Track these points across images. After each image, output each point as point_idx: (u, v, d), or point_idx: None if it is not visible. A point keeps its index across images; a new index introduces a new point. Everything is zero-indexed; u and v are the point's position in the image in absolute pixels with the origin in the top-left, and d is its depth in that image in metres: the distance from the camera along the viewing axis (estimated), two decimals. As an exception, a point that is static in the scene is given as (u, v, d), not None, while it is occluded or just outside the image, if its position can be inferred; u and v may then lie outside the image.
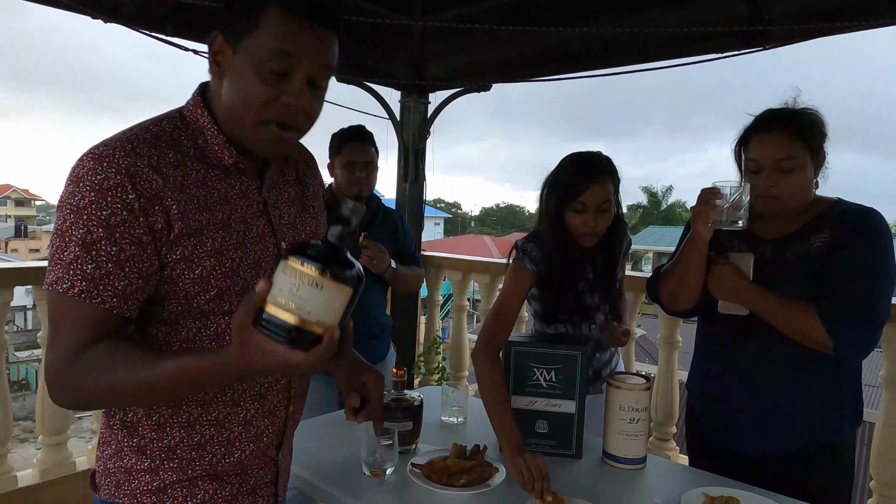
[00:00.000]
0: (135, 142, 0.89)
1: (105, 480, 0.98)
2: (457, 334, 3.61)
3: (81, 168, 0.85)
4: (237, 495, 1.02)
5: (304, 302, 0.74)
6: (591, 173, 1.61)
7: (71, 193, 0.84)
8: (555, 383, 1.57)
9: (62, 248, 0.84)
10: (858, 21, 2.15)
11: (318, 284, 0.75)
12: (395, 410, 1.54)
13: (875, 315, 1.38)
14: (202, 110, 0.96)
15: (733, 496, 1.30)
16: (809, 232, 1.46)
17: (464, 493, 1.32)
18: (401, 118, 3.61)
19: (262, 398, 1.02)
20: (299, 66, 0.90)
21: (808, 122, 1.44)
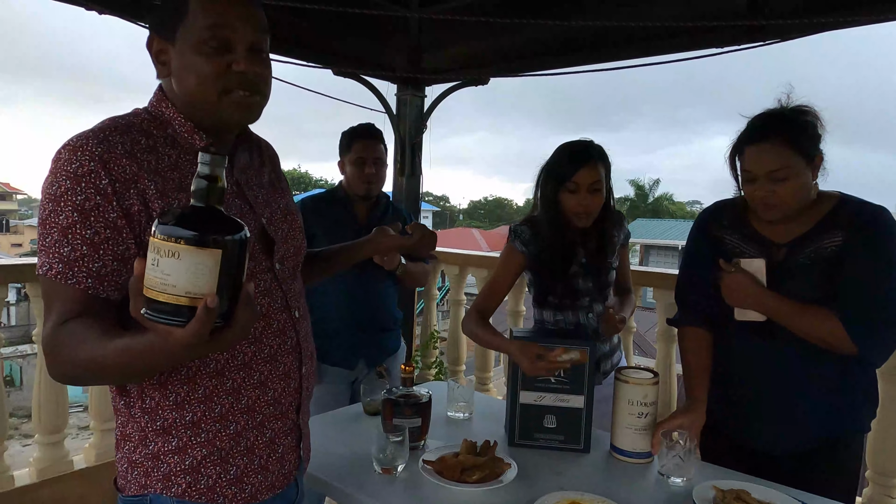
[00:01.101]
0: (107, 131, 0.93)
1: (132, 475, 0.99)
2: (454, 328, 3.61)
3: (59, 159, 0.90)
4: (266, 464, 1.05)
5: (167, 276, 0.69)
6: (583, 157, 1.73)
7: (50, 183, 0.89)
8: (563, 378, 1.57)
9: (44, 234, 0.89)
10: (857, 16, 2.16)
11: (174, 253, 0.69)
12: (405, 406, 1.53)
13: (895, 314, 1.39)
14: (166, 103, 1.00)
15: (744, 489, 1.31)
16: (821, 233, 1.45)
17: (477, 489, 1.31)
18: (397, 112, 3.59)
19: (274, 360, 1.05)
20: (236, 36, 0.96)
21: (800, 128, 1.42)
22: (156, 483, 0.98)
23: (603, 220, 1.81)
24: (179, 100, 0.99)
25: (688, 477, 1.40)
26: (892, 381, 2.30)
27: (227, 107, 0.97)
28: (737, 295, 1.50)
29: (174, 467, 0.97)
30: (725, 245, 1.57)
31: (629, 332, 3.02)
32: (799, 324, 1.44)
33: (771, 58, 76.75)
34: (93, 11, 2.35)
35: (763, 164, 1.42)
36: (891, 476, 2.31)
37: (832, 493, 1.43)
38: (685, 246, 1.70)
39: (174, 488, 0.97)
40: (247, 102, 0.98)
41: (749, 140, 1.45)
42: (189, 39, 0.94)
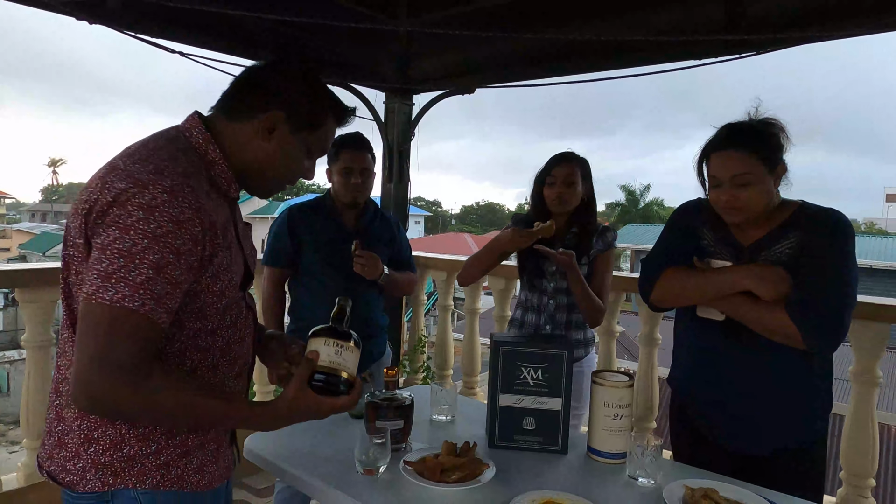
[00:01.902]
0: (188, 175, 1.03)
1: (93, 474, 1.05)
2: (441, 333, 3.65)
3: (154, 199, 0.97)
4: (217, 458, 1.17)
5: (347, 361, 1.15)
6: (561, 156, 2.17)
7: (145, 220, 0.96)
8: (542, 382, 1.62)
9: (131, 268, 0.94)
10: (830, 31, 2.24)
11: (351, 350, 1.16)
12: (387, 409, 1.57)
13: (840, 309, 1.46)
14: (213, 146, 1.12)
15: (712, 487, 1.36)
16: (778, 236, 1.54)
17: (455, 488, 1.36)
18: (385, 119, 3.64)
19: (240, 376, 1.22)
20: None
21: (764, 138, 1.51)
22: (128, 480, 1.06)
23: (580, 213, 2.17)
24: (241, 154, 1.14)
25: (655, 479, 1.45)
26: (864, 384, 2.36)
27: (271, 188, 1.22)
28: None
29: (148, 465, 1.07)
30: (702, 242, 1.64)
31: (612, 337, 3.08)
32: (750, 316, 1.51)
33: (757, 65, 77.67)
34: (83, 21, 2.38)
35: (727, 169, 1.50)
36: (864, 477, 2.38)
37: (802, 491, 1.49)
38: (662, 233, 1.75)
39: (147, 482, 1.06)
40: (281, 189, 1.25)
41: (715, 147, 1.53)
42: (307, 143, 1.19)
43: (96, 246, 0.97)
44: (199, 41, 2.80)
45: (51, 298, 2.47)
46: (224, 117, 1.15)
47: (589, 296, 2.09)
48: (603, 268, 2.18)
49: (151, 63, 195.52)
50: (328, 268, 2.26)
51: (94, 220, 0.99)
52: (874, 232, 38.28)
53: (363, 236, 2.26)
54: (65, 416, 1.08)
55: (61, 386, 1.10)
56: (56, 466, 1.08)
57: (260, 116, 1.13)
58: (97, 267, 0.95)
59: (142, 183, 0.97)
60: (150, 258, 0.95)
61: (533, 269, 2.20)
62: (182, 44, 2.74)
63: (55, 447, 1.09)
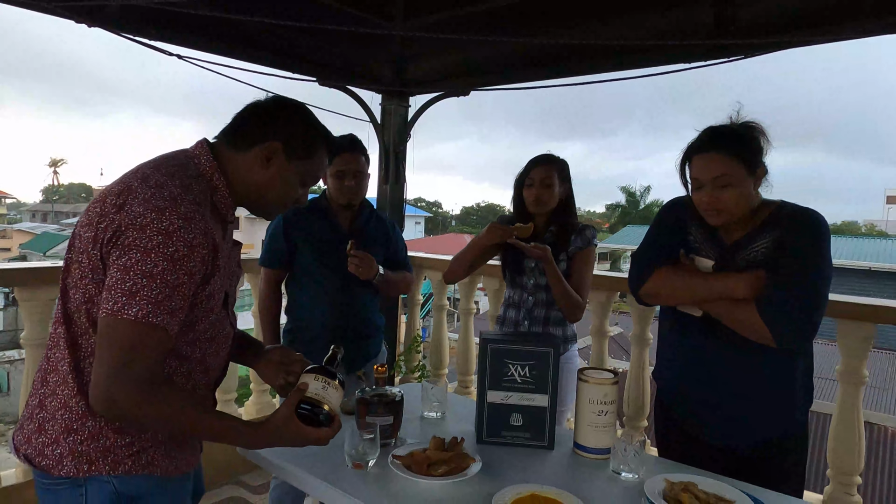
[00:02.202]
0: (198, 203, 1.15)
1: (69, 461, 1.13)
2: (437, 333, 3.69)
3: (171, 225, 1.08)
4: (184, 445, 1.26)
5: (332, 398, 1.26)
6: (538, 158, 2.26)
7: (164, 244, 1.07)
8: (529, 379, 1.66)
9: (152, 287, 1.06)
10: (816, 35, 2.27)
11: (336, 388, 1.28)
12: (377, 405, 1.61)
13: (810, 307, 1.49)
14: (219, 175, 1.24)
15: (692, 481, 1.39)
16: (756, 236, 1.58)
17: (442, 481, 1.39)
18: (381, 121, 3.67)
19: (214, 385, 1.34)
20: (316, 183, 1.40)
21: (744, 141, 1.55)
22: (102, 467, 1.14)
23: (560, 219, 2.25)
24: (244, 180, 1.26)
25: (638, 474, 1.48)
26: (850, 383, 2.40)
27: (269, 212, 1.34)
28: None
29: (121, 454, 1.16)
30: (688, 238, 1.68)
31: (604, 337, 3.11)
32: (724, 312, 1.55)
33: (757, 67, 77.64)
34: (82, 24, 2.42)
35: (708, 171, 1.54)
36: (850, 474, 2.41)
37: (782, 483, 1.53)
38: (650, 228, 1.79)
39: (120, 468, 1.15)
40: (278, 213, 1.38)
41: (697, 150, 1.57)
42: (301, 171, 1.30)
43: (118, 266, 1.06)
44: (196, 44, 2.84)
45: (49, 297, 2.50)
46: (228, 146, 1.26)
47: (566, 291, 2.14)
48: (581, 265, 2.22)
49: (150, 63, 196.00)
50: (324, 268, 2.30)
51: (111, 238, 1.08)
52: (874, 234, 38.29)
53: (358, 237, 2.29)
54: (47, 405, 1.16)
55: (49, 376, 1.17)
56: (33, 450, 1.16)
57: (260, 146, 1.25)
58: (122, 286, 1.05)
59: (159, 209, 1.08)
60: (168, 279, 1.07)
61: (514, 267, 2.29)
62: (180, 46, 2.78)
63: (34, 432, 1.16)
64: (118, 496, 1.16)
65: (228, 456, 3.02)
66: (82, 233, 1.14)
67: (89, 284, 1.12)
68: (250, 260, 2.91)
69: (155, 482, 1.20)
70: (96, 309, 1.10)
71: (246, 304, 7.06)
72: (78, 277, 1.13)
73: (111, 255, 1.08)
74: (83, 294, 1.13)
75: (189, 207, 1.11)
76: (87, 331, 1.14)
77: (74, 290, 1.14)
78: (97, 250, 1.10)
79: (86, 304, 1.13)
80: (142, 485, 1.18)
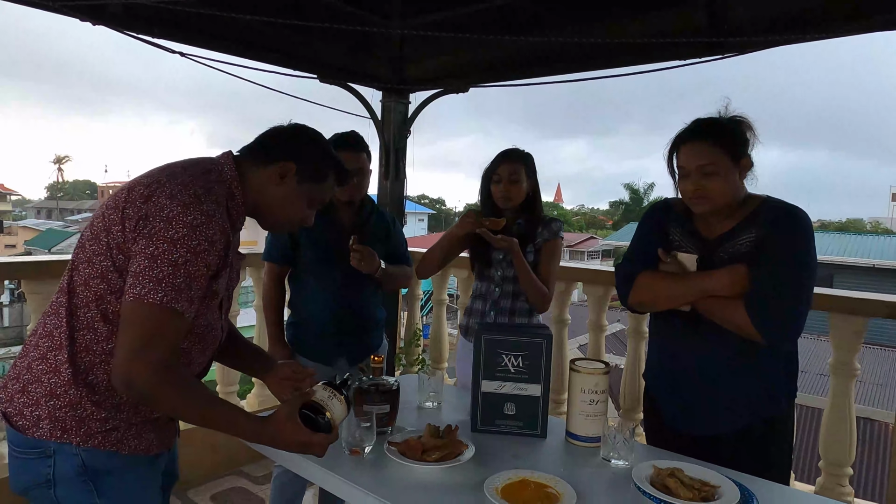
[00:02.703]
0: (218, 204, 1.24)
1: (45, 424, 1.20)
2: (437, 327, 3.73)
3: (195, 220, 1.17)
4: (154, 427, 1.31)
5: (336, 410, 1.30)
6: (504, 154, 2.28)
7: (189, 237, 1.16)
8: (522, 369, 1.70)
9: (177, 275, 1.15)
10: (810, 33, 2.31)
11: (341, 402, 1.32)
12: (374, 394, 1.65)
13: (796, 304, 1.52)
14: (237, 185, 1.32)
15: (678, 467, 1.43)
16: (739, 231, 1.61)
17: (435, 466, 1.44)
18: (382, 118, 3.72)
19: (199, 377, 1.40)
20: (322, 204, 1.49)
21: (729, 132, 1.59)
22: (74, 437, 1.21)
23: (525, 208, 2.28)
24: (257, 192, 1.35)
25: (627, 461, 1.53)
26: (841, 376, 2.44)
27: (273, 227, 1.44)
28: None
29: (95, 428, 1.22)
30: (670, 237, 1.72)
31: (601, 331, 3.15)
32: (712, 310, 1.58)
33: (758, 65, 77.35)
34: (86, 23, 2.47)
35: (693, 159, 1.58)
36: (841, 465, 2.45)
37: (767, 471, 1.57)
38: (634, 234, 1.83)
39: (90, 441, 1.22)
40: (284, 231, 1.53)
41: (683, 139, 1.62)
42: (309, 193, 1.39)
43: (145, 254, 1.14)
44: (198, 41, 2.88)
45: (55, 290, 2.55)
46: (249, 161, 1.36)
47: (531, 281, 2.19)
48: (548, 256, 2.27)
49: (154, 61, 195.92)
50: (326, 263, 2.34)
51: (137, 225, 1.17)
52: (879, 231, 38.20)
53: (359, 232, 2.33)
54: (34, 368, 1.23)
55: (41, 341, 1.24)
56: (13, 409, 1.23)
57: (276, 164, 1.35)
58: (149, 273, 1.13)
59: (185, 204, 1.17)
60: (191, 269, 1.16)
61: (482, 259, 2.36)
62: (182, 44, 2.83)
63: (18, 392, 1.23)
64: (85, 469, 1.22)
65: (231, 447, 3.08)
66: (105, 213, 1.22)
67: (104, 261, 1.20)
68: (254, 255, 2.96)
69: (122, 460, 1.25)
70: (105, 285, 1.19)
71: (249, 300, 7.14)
72: (92, 253, 1.21)
73: (137, 243, 1.16)
74: (95, 269, 1.20)
75: (210, 206, 1.21)
76: (87, 304, 1.21)
77: (87, 264, 1.21)
78: (120, 232, 1.18)
79: (95, 279, 1.20)
80: (109, 460, 1.24)
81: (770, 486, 1.45)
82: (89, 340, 1.22)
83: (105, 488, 1.24)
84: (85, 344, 1.22)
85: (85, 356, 1.22)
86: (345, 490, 1.40)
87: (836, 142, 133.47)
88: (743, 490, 1.36)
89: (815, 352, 10.02)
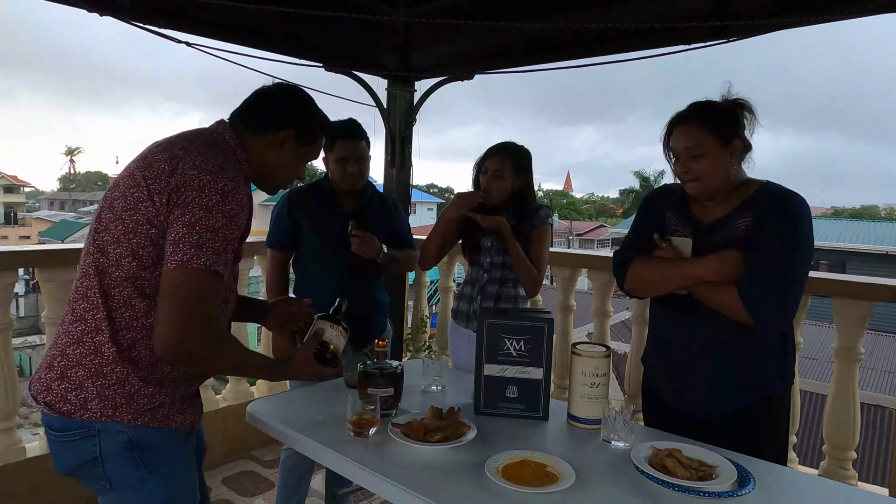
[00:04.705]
0: (237, 170, 1.33)
1: (94, 404, 1.24)
2: (443, 314, 3.76)
3: (225, 186, 1.25)
4: (194, 404, 1.40)
5: (339, 342, 1.55)
6: (492, 149, 2.30)
7: (222, 203, 1.23)
8: (524, 352, 1.72)
9: (214, 240, 1.21)
10: (815, 15, 2.29)
11: (339, 332, 1.56)
12: (378, 377, 1.69)
13: (787, 288, 1.53)
14: (240, 150, 1.39)
15: (676, 448, 1.45)
16: (735, 216, 1.62)
17: (438, 447, 1.47)
18: (387, 106, 3.72)
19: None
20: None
21: (716, 114, 1.60)
22: (125, 414, 1.25)
23: (517, 199, 2.29)
24: (258, 159, 1.42)
25: (627, 442, 1.55)
26: (845, 360, 2.44)
27: (274, 187, 1.51)
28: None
29: (143, 404, 1.27)
30: (666, 222, 1.73)
31: (605, 318, 3.17)
32: (704, 294, 1.60)
33: (763, 51, 76.16)
34: (94, 14, 2.50)
35: (681, 141, 1.61)
36: (845, 449, 2.46)
37: (765, 449, 1.59)
38: (633, 221, 1.85)
39: (140, 419, 1.27)
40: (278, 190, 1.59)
41: (675, 123, 1.64)
42: (306, 151, 1.49)
43: (183, 222, 1.20)
44: (205, 31, 2.90)
45: (69, 278, 2.61)
46: (244, 129, 1.41)
47: (522, 263, 2.22)
48: (536, 243, 2.28)
49: (161, 51, 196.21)
50: (328, 249, 2.37)
51: (170, 197, 1.22)
52: (894, 218, 37.76)
53: (359, 218, 2.35)
54: (69, 354, 1.26)
55: (73, 327, 1.27)
56: (54, 397, 1.25)
57: (275, 132, 1.41)
58: (189, 239, 1.19)
59: (212, 173, 1.24)
60: (227, 234, 1.23)
61: (471, 245, 2.40)
62: (189, 34, 2.85)
63: (55, 380, 1.26)
64: (131, 444, 1.26)
65: (241, 432, 3.14)
66: (127, 193, 1.26)
67: (134, 238, 1.24)
68: (259, 243, 2.99)
69: (166, 435, 1.31)
70: (137, 262, 1.24)
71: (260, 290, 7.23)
72: (119, 234, 1.24)
73: (173, 213, 1.21)
74: (125, 249, 1.24)
75: (234, 173, 1.29)
76: (120, 283, 1.25)
77: (115, 245, 1.25)
78: (151, 207, 1.23)
79: (126, 258, 1.24)
80: (154, 436, 1.29)
81: (768, 467, 1.47)
82: (129, 318, 1.25)
83: (152, 463, 1.29)
84: (125, 322, 1.25)
85: (126, 333, 1.25)
86: (350, 470, 1.44)
87: (849, 128, 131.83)
88: (741, 470, 1.38)
89: (822, 340, 9.98)
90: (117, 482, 1.28)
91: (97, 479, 1.28)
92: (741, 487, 1.31)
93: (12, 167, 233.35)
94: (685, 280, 1.63)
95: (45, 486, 2.55)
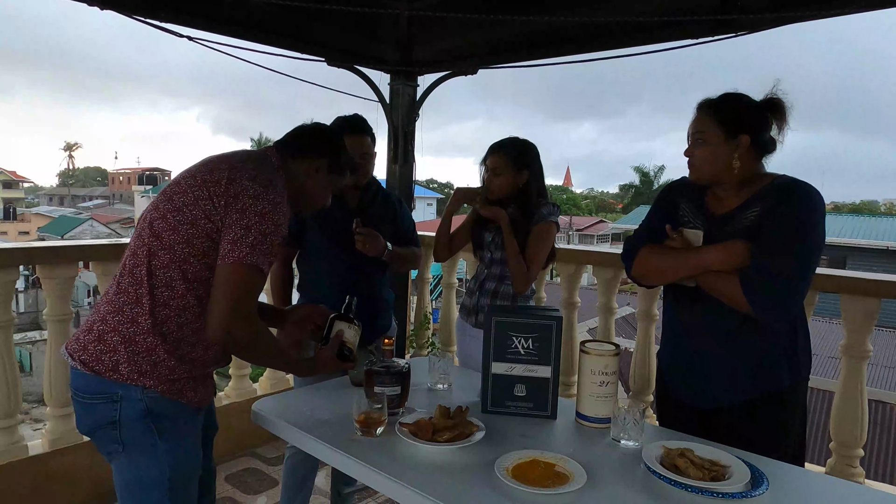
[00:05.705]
0: (282, 188, 1.49)
1: (123, 367, 1.39)
2: (446, 310, 3.75)
3: (275, 198, 1.44)
4: (206, 383, 1.54)
5: (355, 340, 1.72)
6: (492, 147, 2.33)
7: (272, 212, 1.41)
8: (532, 350, 1.71)
9: (265, 242, 1.39)
10: (822, 9, 2.26)
11: (353, 329, 1.73)
12: (385, 376, 1.67)
13: (791, 279, 1.51)
14: (281, 175, 1.55)
15: (688, 447, 1.44)
16: (746, 207, 1.60)
17: (446, 447, 1.45)
18: (390, 101, 3.69)
19: None
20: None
21: (729, 106, 1.60)
22: (149, 379, 1.40)
23: (520, 194, 2.29)
24: (293, 182, 1.58)
25: (637, 441, 1.53)
26: (853, 357, 2.43)
27: (307, 211, 1.74)
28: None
29: (164, 375, 1.42)
30: (679, 213, 1.73)
31: (611, 314, 3.15)
32: (708, 283, 1.60)
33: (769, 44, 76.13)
34: (94, 7, 2.47)
35: (691, 126, 1.65)
36: (852, 447, 2.45)
37: (778, 444, 1.57)
38: (648, 210, 1.85)
39: (160, 387, 1.41)
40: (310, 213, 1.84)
41: (696, 108, 1.66)
42: (335, 181, 1.71)
43: (240, 225, 1.38)
44: (206, 25, 2.87)
45: (69, 275, 2.59)
46: (285, 154, 1.61)
47: (513, 256, 2.23)
48: (534, 239, 2.26)
49: (159, 46, 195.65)
50: (332, 246, 2.35)
51: (227, 203, 1.40)
52: (895, 213, 37.79)
53: (364, 215, 2.33)
54: (109, 320, 1.42)
55: (117, 297, 1.43)
56: (89, 356, 1.41)
57: (312, 160, 1.63)
58: (245, 240, 1.37)
59: (265, 185, 1.43)
60: (273, 238, 1.41)
61: (475, 240, 2.45)
62: (190, 28, 2.82)
63: (92, 341, 1.42)
64: (147, 412, 1.41)
65: (244, 430, 3.13)
66: (188, 191, 1.43)
67: (191, 229, 1.40)
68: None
69: (179, 407, 1.46)
70: (189, 248, 1.41)
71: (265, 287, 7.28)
72: (177, 223, 1.41)
73: (230, 216, 1.39)
74: (181, 236, 1.41)
75: (280, 189, 1.47)
76: (168, 265, 1.41)
77: (171, 232, 1.41)
78: (211, 206, 1.40)
79: (180, 244, 1.41)
80: (169, 406, 1.44)
81: (782, 467, 1.45)
82: (167, 297, 1.41)
83: (164, 430, 1.43)
84: (163, 299, 1.41)
85: (162, 310, 1.41)
86: (356, 469, 1.42)
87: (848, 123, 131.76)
88: (754, 470, 1.36)
89: (822, 335, 9.98)
90: (130, 446, 1.42)
91: (112, 442, 1.42)
92: (755, 488, 1.30)
93: (11, 163, 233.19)
94: (691, 268, 1.63)
95: (47, 484, 2.53)
